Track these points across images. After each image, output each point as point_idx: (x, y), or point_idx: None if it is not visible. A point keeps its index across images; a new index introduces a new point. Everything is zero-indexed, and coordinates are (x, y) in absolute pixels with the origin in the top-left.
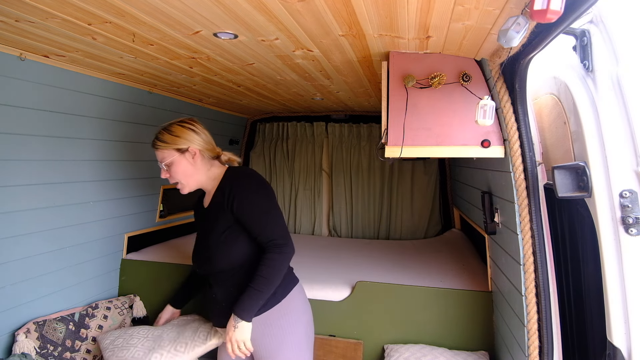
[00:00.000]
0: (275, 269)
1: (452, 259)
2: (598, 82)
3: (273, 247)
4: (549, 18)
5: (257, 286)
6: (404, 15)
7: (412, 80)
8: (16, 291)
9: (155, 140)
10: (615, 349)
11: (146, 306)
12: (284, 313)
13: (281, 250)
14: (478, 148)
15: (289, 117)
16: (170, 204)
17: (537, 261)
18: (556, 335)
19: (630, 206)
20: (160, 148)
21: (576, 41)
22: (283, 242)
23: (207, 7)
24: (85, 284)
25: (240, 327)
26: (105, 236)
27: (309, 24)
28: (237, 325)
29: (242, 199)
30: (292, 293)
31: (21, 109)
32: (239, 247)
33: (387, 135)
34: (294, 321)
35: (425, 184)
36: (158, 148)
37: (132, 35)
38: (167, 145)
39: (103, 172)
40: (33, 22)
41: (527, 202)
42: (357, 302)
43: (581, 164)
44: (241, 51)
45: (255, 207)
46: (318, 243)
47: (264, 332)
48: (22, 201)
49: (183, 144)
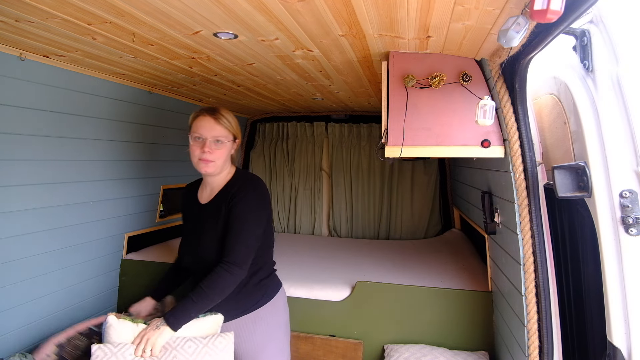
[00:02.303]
0: (219, 287)
1: (452, 259)
2: (598, 82)
3: (228, 263)
4: (549, 18)
5: (194, 297)
6: (404, 15)
7: (412, 80)
8: (16, 291)
9: (221, 115)
10: (615, 349)
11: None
12: (272, 312)
13: (232, 271)
14: (478, 148)
15: (289, 117)
16: (170, 204)
17: (537, 261)
18: (556, 335)
19: (630, 206)
20: (223, 125)
21: (576, 41)
22: (239, 264)
23: (207, 7)
24: (86, 283)
25: (162, 331)
26: (105, 236)
27: (309, 24)
28: (160, 328)
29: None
30: (280, 293)
31: (21, 109)
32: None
33: (387, 135)
34: (279, 319)
35: (425, 184)
36: (222, 124)
37: (132, 35)
38: (231, 127)
39: (103, 172)
40: (33, 22)
41: (527, 202)
42: (357, 302)
43: (581, 164)
44: (241, 51)
45: (240, 221)
46: (318, 243)
47: (253, 328)
48: (22, 201)
49: (238, 134)
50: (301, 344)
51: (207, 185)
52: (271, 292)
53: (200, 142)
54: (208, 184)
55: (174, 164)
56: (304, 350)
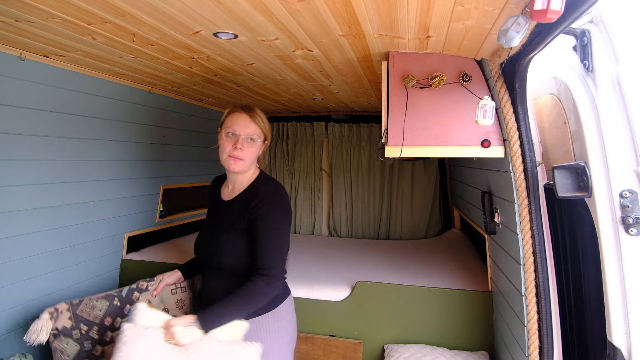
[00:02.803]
0: (256, 297)
1: (452, 259)
2: (598, 82)
3: (266, 276)
4: (549, 18)
5: (232, 304)
6: (404, 15)
7: (412, 80)
8: (16, 291)
9: (256, 114)
10: (616, 349)
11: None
12: (276, 319)
13: (272, 284)
14: (478, 148)
15: (289, 117)
16: (170, 204)
17: (537, 261)
18: (556, 335)
19: (631, 206)
20: (258, 124)
21: (576, 41)
22: (278, 278)
23: (207, 7)
24: (86, 283)
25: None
26: (105, 236)
27: (309, 24)
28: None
29: (265, 217)
30: (286, 302)
31: (21, 109)
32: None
33: (387, 135)
34: (282, 328)
35: (425, 184)
36: (257, 122)
37: (132, 35)
38: (264, 126)
39: (103, 172)
40: (33, 22)
41: (527, 202)
42: (357, 302)
43: (581, 164)
44: (241, 51)
45: (270, 233)
46: (318, 243)
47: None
48: (22, 201)
49: (269, 136)
50: (301, 344)
51: (230, 183)
52: (278, 299)
53: (233, 138)
54: (231, 182)
55: (173, 164)
56: (304, 350)
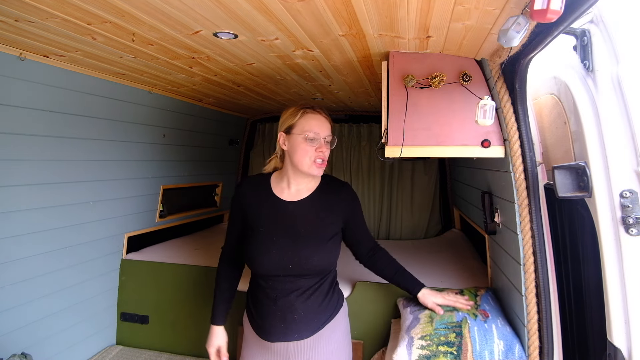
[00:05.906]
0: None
1: (452, 259)
2: (598, 82)
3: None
4: (549, 18)
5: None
6: (404, 15)
7: (412, 80)
8: (16, 291)
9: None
10: (616, 349)
11: (147, 306)
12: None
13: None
14: (478, 148)
15: None
16: (170, 204)
17: (537, 261)
18: (556, 335)
19: (631, 206)
20: (331, 124)
21: (576, 41)
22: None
23: (207, 7)
24: (85, 284)
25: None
26: (105, 236)
27: (309, 24)
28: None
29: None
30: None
31: (21, 109)
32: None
33: (387, 135)
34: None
35: (425, 184)
36: (330, 122)
37: (132, 35)
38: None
39: (103, 172)
40: (33, 22)
41: (527, 202)
42: (357, 302)
43: (581, 164)
44: (241, 51)
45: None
46: None
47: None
48: (22, 201)
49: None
50: None
51: (292, 184)
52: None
53: (315, 142)
54: (294, 182)
55: (174, 164)
56: None
